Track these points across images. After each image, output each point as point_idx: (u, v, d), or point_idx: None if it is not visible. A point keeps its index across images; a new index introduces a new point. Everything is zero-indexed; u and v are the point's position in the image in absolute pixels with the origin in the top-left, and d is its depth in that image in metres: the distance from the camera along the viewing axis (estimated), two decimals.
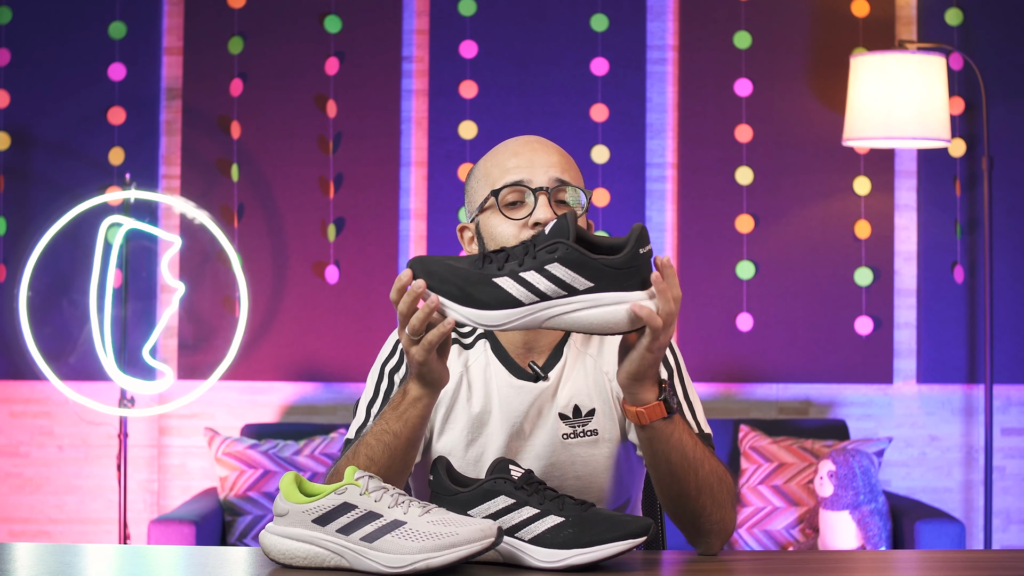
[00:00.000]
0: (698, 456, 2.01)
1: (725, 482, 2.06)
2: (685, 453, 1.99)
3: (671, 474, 2.00)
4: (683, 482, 2.01)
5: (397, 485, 2.05)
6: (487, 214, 2.19)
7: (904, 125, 4.29)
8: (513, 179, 2.16)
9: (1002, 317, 4.65)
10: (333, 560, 1.82)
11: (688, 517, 2.05)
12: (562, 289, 1.83)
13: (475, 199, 2.23)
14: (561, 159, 2.19)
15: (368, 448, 2.03)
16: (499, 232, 2.16)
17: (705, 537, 2.06)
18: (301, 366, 4.66)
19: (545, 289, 1.83)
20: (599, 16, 4.67)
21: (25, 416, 4.69)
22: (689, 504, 2.03)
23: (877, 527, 4.19)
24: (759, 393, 4.73)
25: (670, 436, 1.97)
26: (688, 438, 1.99)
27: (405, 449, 2.02)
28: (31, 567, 1.88)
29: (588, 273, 1.83)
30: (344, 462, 2.06)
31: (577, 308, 1.83)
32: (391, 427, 2.01)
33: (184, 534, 3.98)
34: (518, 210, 2.16)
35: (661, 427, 1.96)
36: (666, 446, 1.97)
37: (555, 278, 1.83)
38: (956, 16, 4.65)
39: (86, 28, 4.63)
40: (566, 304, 1.83)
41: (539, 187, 2.15)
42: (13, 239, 4.59)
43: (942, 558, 2.14)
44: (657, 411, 1.94)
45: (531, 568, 1.84)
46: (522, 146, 2.21)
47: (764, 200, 4.69)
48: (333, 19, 4.65)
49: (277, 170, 4.67)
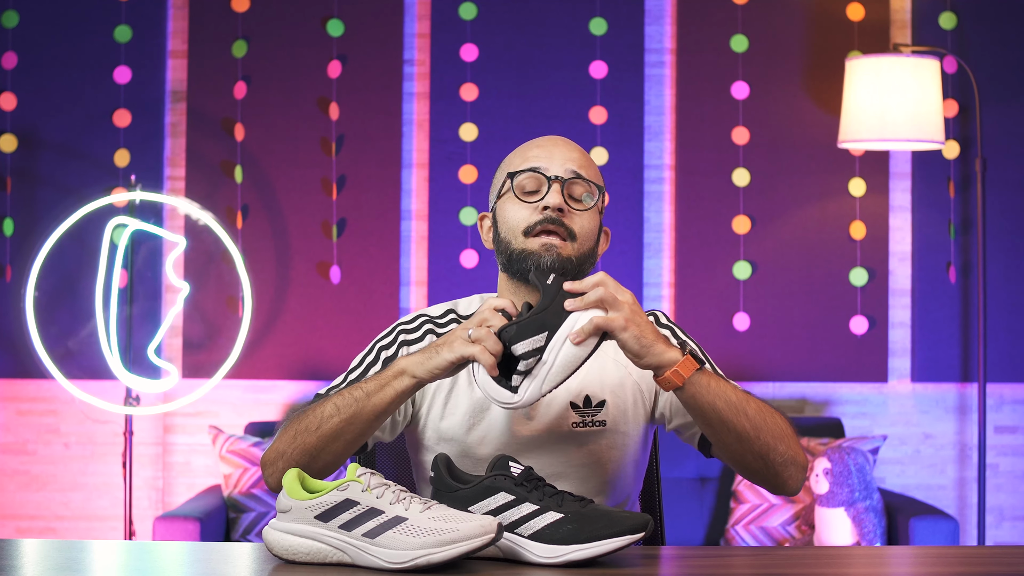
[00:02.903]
0: (741, 397, 2.06)
1: (776, 413, 2.11)
2: (729, 398, 2.03)
3: (724, 423, 2.04)
4: (738, 426, 2.04)
5: (349, 447, 2.08)
6: (503, 199, 2.25)
7: (898, 127, 4.30)
8: (531, 165, 2.22)
9: (995, 317, 4.66)
10: (335, 556, 1.83)
11: (758, 461, 2.09)
12: (534, 356, 1.94)
13: (496, 186, 2.29)
14: (581, 156, 2.26)
15: (338, 398, 2.07)
16: (511, 216, 2.22)
17: (782, 472, 2.10)
18: (304, 365, 4.69)
19: (524, 368, 1.95)
20: (598, 20, 4.68)
21: (32, 414, 4.70)
22: (753, 446, 2.07)
23: (872, 524, 4.20)
24: (756, 392, 4.70)
25: (708, 385, 2.01)
26: (726, 384, 2.05)
27: (370, 416, 2.06)
28: (38, 563, 1.89)
29: (533, 330, 1.94)
30: (310, 408, 2.10)
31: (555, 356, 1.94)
32: (367, 387, 2.06)
33: (188, 530, 3.98)
34: (532, 196, 2.22)
35: (698, 379, 2.01)
36: (710, 395, 2.02)
37: (524, 354, 1.94)
38: (950, 20, 4.67)
39: (92, 32, 4.64)
40: (546, 364, 1.94)
41: (554, 175, 2.20)
42: (20, 239, 4.61)
43: (936, 554, 2.16)
44: (688, 365, 1.99)
45: (531, 564, 1.85)
46: (546, 140, 2.28)
47: (760, 201, 4.71)
48: (335, 23, 4.67)
49: (280, 172, 4.68)
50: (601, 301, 1.94)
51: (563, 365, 1.94)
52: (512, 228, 2.22)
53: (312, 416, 2.09)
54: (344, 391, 2.08)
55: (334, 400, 2.08)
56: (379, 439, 2.23)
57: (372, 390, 2.05)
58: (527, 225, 2.20)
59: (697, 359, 2.01)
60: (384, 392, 2.05)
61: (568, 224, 2.20)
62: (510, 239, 2.22)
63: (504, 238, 2.24)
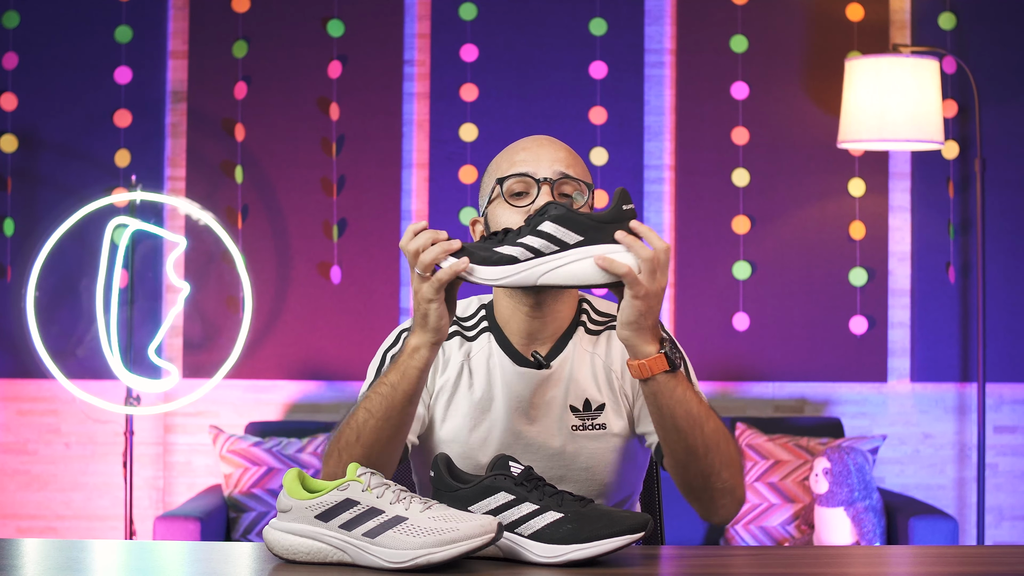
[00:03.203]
0: (703, 413, 2.06)
1: (731, 441, 2.11)
2: (690, 409, 2.04)
3: (677, 430, 2.05)
4: (690, 438, 2.05)
5: (394, 446, 2.08)
6: (494, 204, 2.24)
7: (898, 127, 4.30)
8: (519, 170, 2.22)
9: (994, 317, 4.67)
10: (335, 555, 1.83)
11: (700, 479, 2.09)
12: (554, 244, 1.95)
13: (485, 191, 2.29)
14: (568, 155, 2.25)
15: (366, 402, 2.08)
16: (503, 221, 2.21)
17: (719, 499, 2.10)
18: (304, 365, 4.69)
19: (539, 246, 1.96)
20: (598, 20, 4.69)
21: (33, 414, 4.71)
22: (699, 463, 2.07)
23: (871, 523, 4.21)
24: (755, 391, 4.76)
25: (674, 390, 2.02)
26: (692, 396, 2.05)
27: (402, 402, 2.06)
28: (39, 563, 1.89)
29: (576, 228, 1.96)
30: (343, 424, 2.10)
31: (568, 261, 1.95)
32: (389, 379, 2.06)
33: (189, 530, 3.99)
34: (522, 200, 2.21)
35: (664, 380, 2.01)
36: (671, 400, 2.02)
37: (547, 235, 1.95)
38: (949, 20, 4.68)
39: (93, 32, 4.65)
40: (558, 259, 1.95)
41: (543, 178, 2.20)
42: (21, 240, 4.61)
43: (935, 554, 2.16)
44: (659, 363, 2.00)
45: (531, 563, 1.86)
46: (531, 142, 2.27)
47: (760, 201, 4.71)
48: (336, 23, 4.68)
49: (281, 172, 4.69)
50: (649, 260, 1.96)
51: (571, 272, 1.96)
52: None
53: (348, 429, 2.09)
54: (369, 394, 2.09)
55: (363, 406, 2.08)
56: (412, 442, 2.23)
57: (395, 380, 2.06)
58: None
59: (671, 363, 2.01)
60: (407, 375, 2.05)
61: None
62: None
63: None
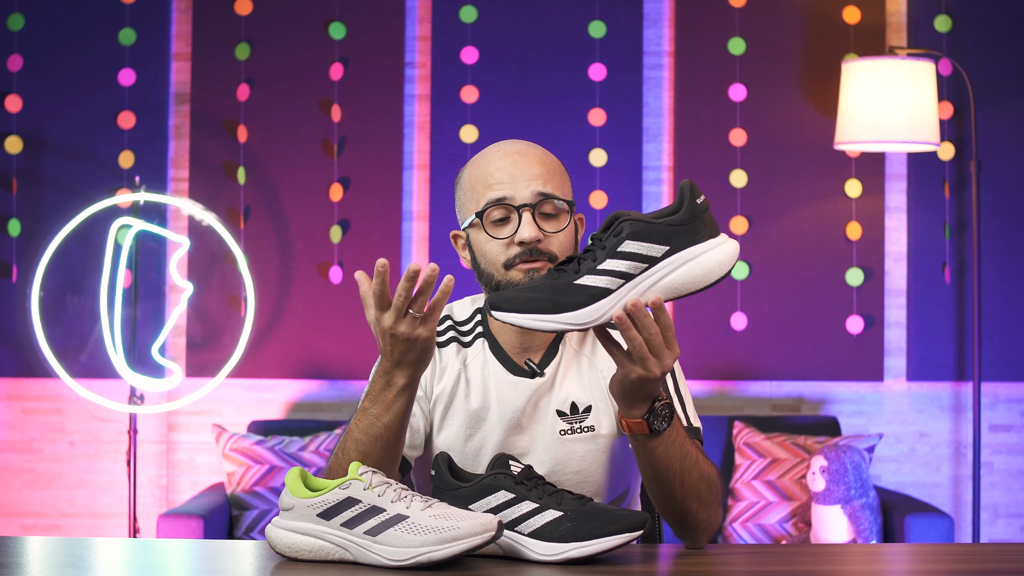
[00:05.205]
0: (686, 467, 2.02)
1: (713, 485, 2.07)
2: (671, 465, 2.01)
3: (655, 479, 2.03)
4: (668, 487, 2.03)
5: (391, 458, 2.04)
6: (475, 230, 2.20)
7: (894, 129, 4.31)
8: (496, 196, 2.16)
9: (990, 316, 4.68)
10: (337, 553, 1.84)
11: (674, 517, 2.08)
12: (642, 263, 1.84)
13: (463, 210, 2.24)
14: (543, 169, 2.18)
15: (359, 445, 2.01)
16: (487, 250, 2.18)
17: (691, 533, 2.08)
18: (306, 364, 4.71)
19: (626, 269, 1.84)
20: (597, 23, 4.70)
21: (37, 413, 4.73)
22: (675, 506, 2.06)
23: (868, 521, 4.22)
24: (753, 390, 4.77)
25: (654, 450, 1.99)
26: (676, 451, 2.00)
27: (396, 439, 2.03)
28: (43, 560, 1.90)
29: (659, 238, 1.84)
30: (335, 460, 2.05)
31: (664, 274, 1.84)
32: (381, 420, 2.00)
33: (192, 528, 4.00)
34: (503, 227, 2.17)
35: (644, 441, 1.99)
36: (651, 457, 2.00)
37: (631, 255, 1.84)
38: (945, 23, 4.69)
39: (97, 34, 4.67)
40: (650, 276, 1.84)
41: (522, 204, 2.15)
42: (26, 240, 4.63)
43: (931, 551, 2.17)
44: (639, 427, 1.96)
45: (531, 561, 1.86)
46: (503, 158, 2.19)
47: (758, 202, 4.72)
48: (338, 26, 4.69)
49: (283, 173, 4.70)
50: (641, 348, 1.87)
51: (669, 285, 1.85)
52: (491, 262, 2.19)
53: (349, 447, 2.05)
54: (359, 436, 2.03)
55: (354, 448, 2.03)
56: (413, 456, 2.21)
57: (389, 421, 2.02)
58: (506, 259, 2.17)
59: (652, 431, 1.96)
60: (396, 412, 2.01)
61: (546, 249, 2.17)
62: (491, 271, 2.20)
63: (485, 269, 2.21)
